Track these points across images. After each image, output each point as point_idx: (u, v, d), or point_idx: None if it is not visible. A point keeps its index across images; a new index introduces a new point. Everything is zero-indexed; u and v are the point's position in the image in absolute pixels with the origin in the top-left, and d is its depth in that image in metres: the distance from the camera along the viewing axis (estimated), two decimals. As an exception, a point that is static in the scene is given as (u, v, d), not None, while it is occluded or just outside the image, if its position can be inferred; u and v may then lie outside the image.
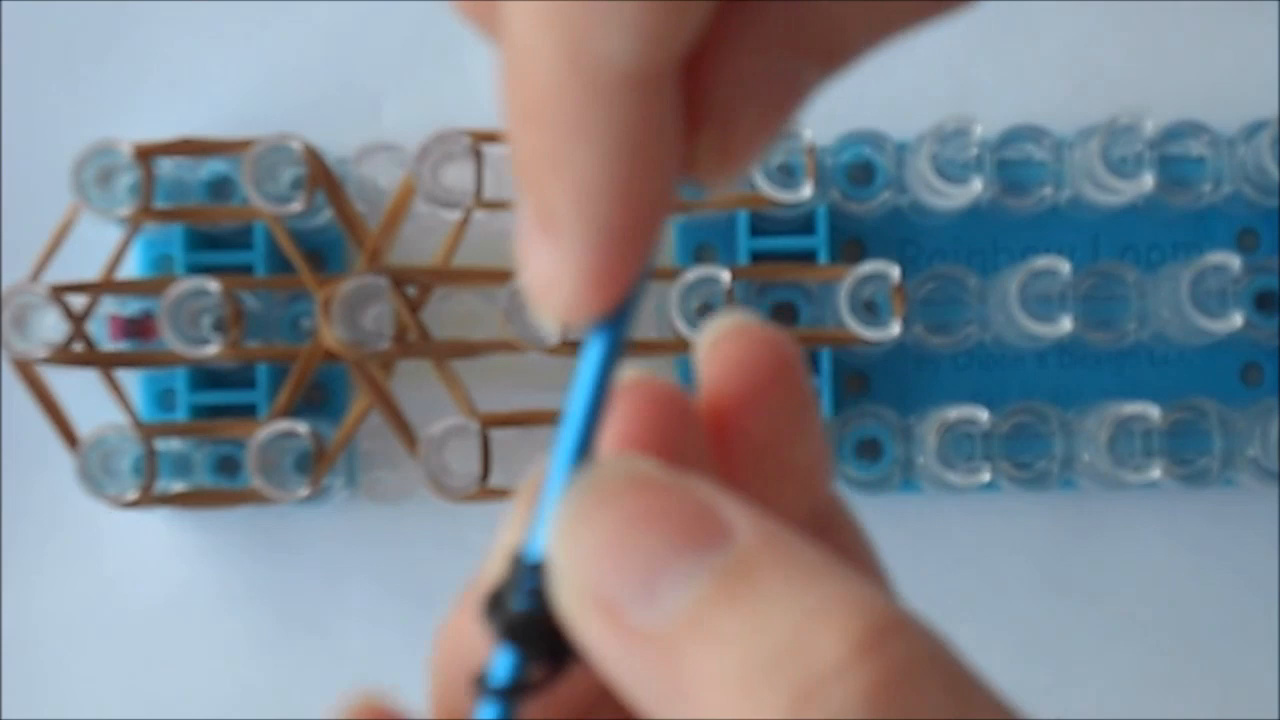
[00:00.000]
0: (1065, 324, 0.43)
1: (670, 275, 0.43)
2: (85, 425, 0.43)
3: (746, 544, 0.18)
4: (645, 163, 0.18)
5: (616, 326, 0.19)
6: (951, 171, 0.43)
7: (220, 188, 0.45)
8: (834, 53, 0.19)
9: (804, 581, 0.18)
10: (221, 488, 0.45)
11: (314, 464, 0.43)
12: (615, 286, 0.19)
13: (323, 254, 0.46)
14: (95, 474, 0.43)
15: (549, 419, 0.43)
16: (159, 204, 0.44)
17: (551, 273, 0.19)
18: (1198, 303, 0.43)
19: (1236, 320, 0.43)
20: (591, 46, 0.17)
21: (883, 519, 0.22)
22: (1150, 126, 0.43)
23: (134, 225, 0.43)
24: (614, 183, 0.18)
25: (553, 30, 0.18)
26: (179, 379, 0.45)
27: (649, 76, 0.18)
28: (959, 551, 0.46)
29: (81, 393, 0.44)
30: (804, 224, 0.44)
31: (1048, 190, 0.44)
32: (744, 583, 0.18)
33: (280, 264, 0.44)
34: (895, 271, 0.42)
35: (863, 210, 0.44)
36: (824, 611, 0.18)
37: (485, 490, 0.43)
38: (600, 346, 0.19)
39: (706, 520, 0.19)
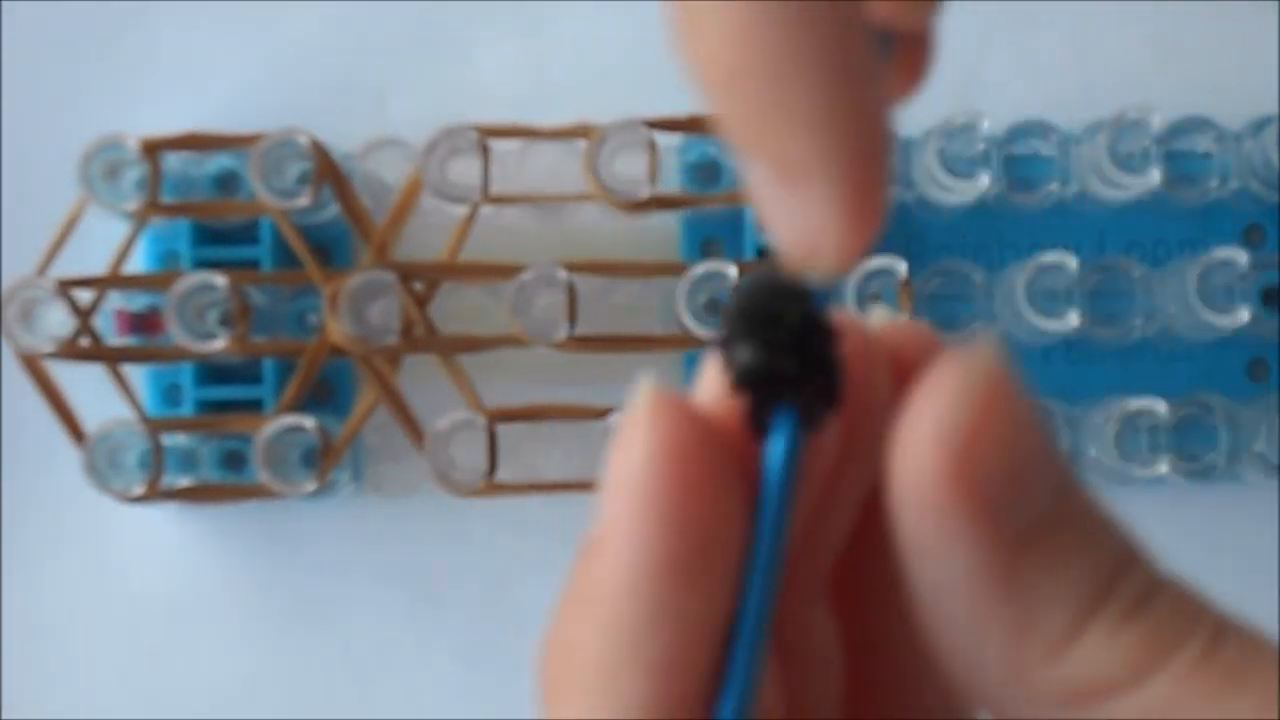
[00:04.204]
0: (1072, 319, 0.42)
1: (677, 270, 0.43)
2: (91, 420, 0.43)
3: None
4: (866, 84, 0.18)
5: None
6: (958, 167, 0.43)
7: (227, 182, 0.45)
8: None
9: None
10: (228, 482, 0.45)
11: (320, 459, 0.43)
12: (876, 217, 0.18)
13: (329, 249, 0.46)
14: (101, 468, 0.43)
15: (555, 414, 0.43)
16: (165, 198, 0.44)
17: (813, 223, 0.18)
18: (1205, 298, 0.43)
19: (1243, 316, 0.42)
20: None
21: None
22: (1157, 122, 0.43)
23: (140, 220, 0.43)
24: (849, 110, 0.18)
25: None
26: (185, 374, 0.45)
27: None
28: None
29: (88, 387, 0.44)
30: (810, 219, 0.44)
31: (1055, 186, 0.44)
32: (1078, 508, 0.19)
33: (287, 259, 0.44)
34: (902, 267, 0.42)
35: (869, 205, 0.44)
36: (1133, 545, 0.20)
37: (491, 485, 0.43)
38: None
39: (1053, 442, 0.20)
